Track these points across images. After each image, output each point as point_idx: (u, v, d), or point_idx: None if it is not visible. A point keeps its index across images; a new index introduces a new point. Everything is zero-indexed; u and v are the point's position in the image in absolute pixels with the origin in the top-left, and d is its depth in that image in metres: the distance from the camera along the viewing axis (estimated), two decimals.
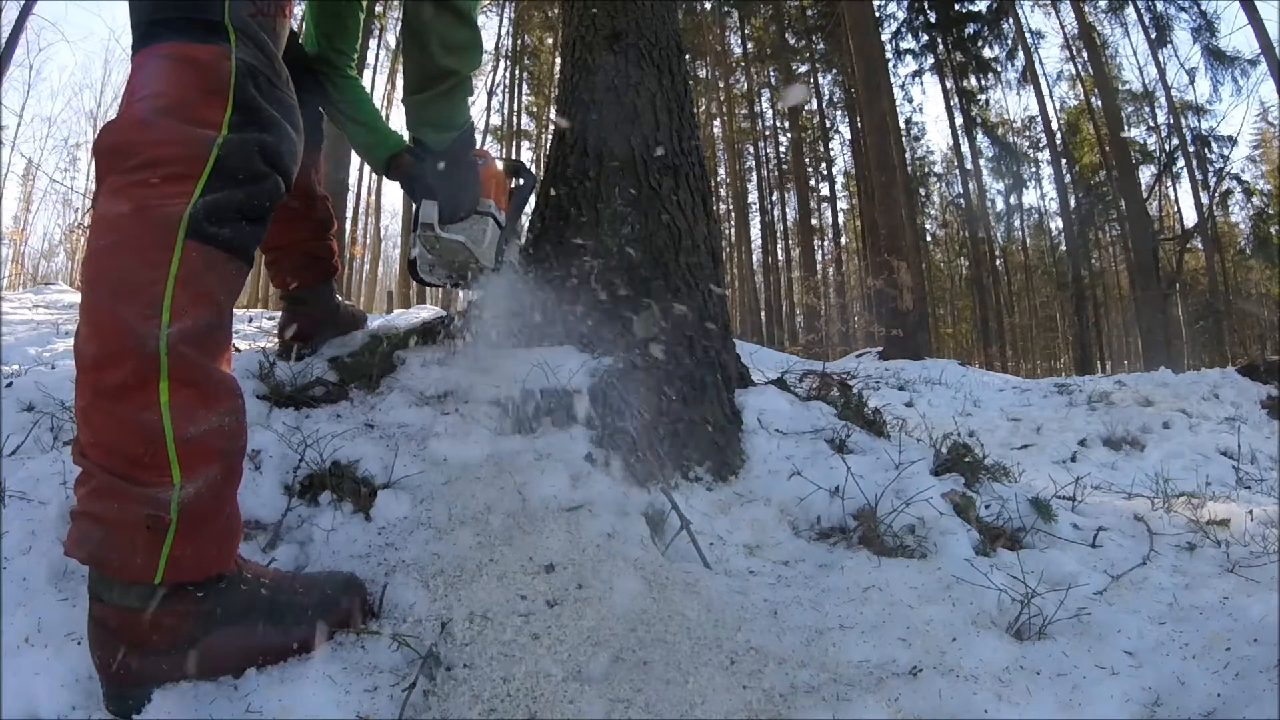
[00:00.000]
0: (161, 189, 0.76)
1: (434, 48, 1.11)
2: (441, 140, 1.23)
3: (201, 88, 0.80)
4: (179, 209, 0.76)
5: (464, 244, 1.33)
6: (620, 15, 1.96)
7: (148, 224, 0.75)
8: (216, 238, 0.78)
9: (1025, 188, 21.48)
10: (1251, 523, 1.55)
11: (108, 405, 0.74)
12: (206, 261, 0.78)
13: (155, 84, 0.80)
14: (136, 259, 0.75)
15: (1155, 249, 12.14)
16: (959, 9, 16.50)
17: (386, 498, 1.17)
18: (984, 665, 0.94)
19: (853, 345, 15.69)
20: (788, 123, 21.37)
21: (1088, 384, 4.71)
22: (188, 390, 0.76)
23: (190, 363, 0.76)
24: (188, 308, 0.76)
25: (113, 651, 0.75)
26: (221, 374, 0.81)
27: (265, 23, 0.87)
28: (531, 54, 20.59)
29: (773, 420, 1.69)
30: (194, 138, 0.78)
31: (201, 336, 0.77)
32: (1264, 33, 10.36)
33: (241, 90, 0.81)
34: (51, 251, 23.02)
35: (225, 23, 0.82)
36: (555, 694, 0.83)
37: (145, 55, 0.82)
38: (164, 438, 0.74)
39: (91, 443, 0.75)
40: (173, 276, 0.75)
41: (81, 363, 0.75)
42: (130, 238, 0.76)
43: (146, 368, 0.73)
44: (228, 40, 0.82)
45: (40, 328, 2.89)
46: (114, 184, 0.77)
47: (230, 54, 0.81)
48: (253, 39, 0.84)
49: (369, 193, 21.65)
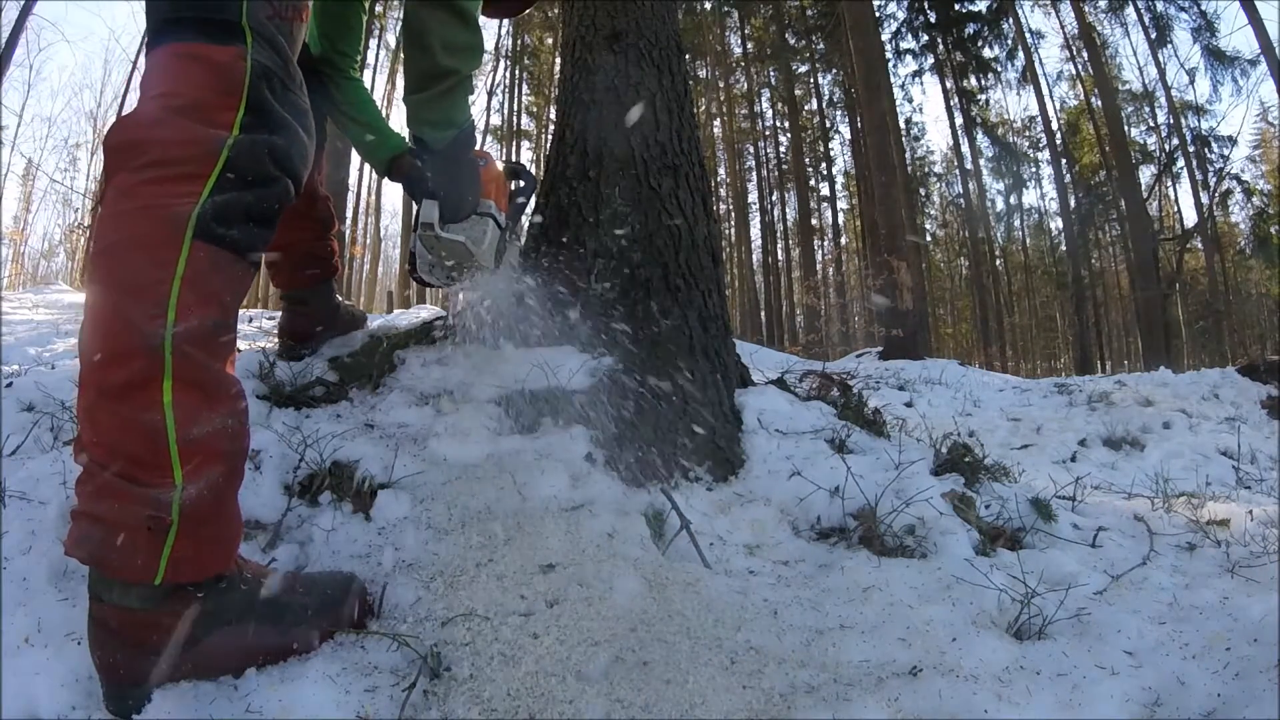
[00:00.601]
0: (171, 188, 0.76)
1: (435, 48, 1.11)
2: (442, 138, 1.23)
3: (216, 88, 0.80)
4: (188, 208, 0.76)
5: (464, 244, 1.33)
6: (620, 15, 1.96)
7: (156, 223, 0.75)
8: (224, 239, 0.78)
9: (1025, 188, 21.52)
10: (1251, 523, 1.55)
11: (111, 404, 0.73)
12: (213, 262, 0.78)
13: (169, 82, 0.80)
14: (144, 258, 0.75)
15: (1155, 249, 12.14)
16: (959, 9, 16.50)
17: (386, 498, 1.17)
18: (984, 665, 0.94)
19: (853, 345, 15.70)
20: (788, 123, 21.37)
21: (1088, 384, 4.71)
22: (192, 391, 0.76)
23: (195, 363, 0.76)
24: (194, 308, 0.75)
25: (113, 651, 0.75)
26: (226, 375, 0.81)
27: (282, 26, 0.87)
28: (531, 54, 20.60)
29: (773, 420, 1.69)
30: (205, 138, 0.78)
31: (207, 337, 0.77)
32: (1264, 33, 10.37)
33: (255, 92, 0.81)
34: (51, 251, 23.03)
35: (243, 24, 0.82)
36: (555, 694, 0.83)
37: (161, 53, 0.82)
38: (166, 438, 0.74)
39: (94, 441, 0.75)
40: (179, 276, 0.75)
41: (85, 360, 0.75)
42: (138, 236, 0.75)
43: (151, 367, 0.73)
44: (244, 41, 0.82)
45: (40, 328, 2.89)
46: (123, 181, 0.77)
47: (246, 55, 0.81)
48: (269, 41, 0.84)
49: (369, 193, 21.67)
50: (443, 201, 1.29)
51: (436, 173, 1.26)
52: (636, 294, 1.65)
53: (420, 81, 1.16)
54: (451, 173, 1.27)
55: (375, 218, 23.47)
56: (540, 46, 20.29)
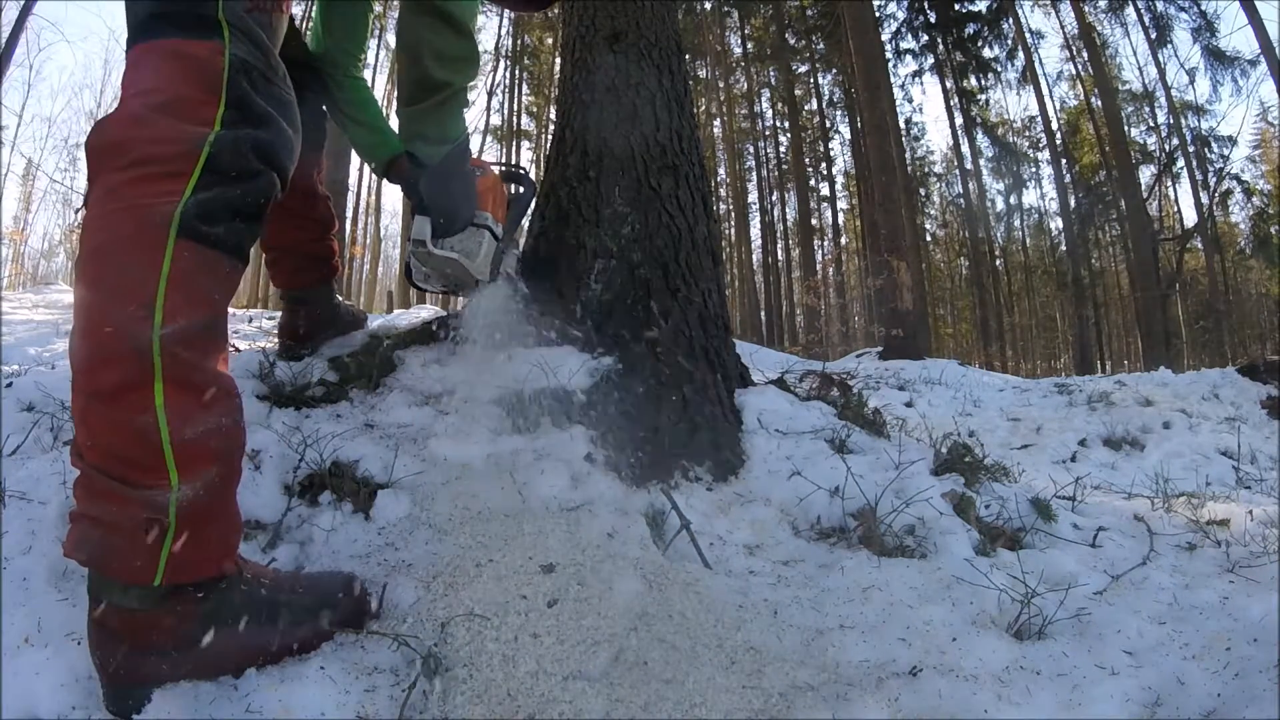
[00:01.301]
0: (153, 187, 0.75)
1: (427, 59, 1.09)
2: (435, 154, 1.22)
3: (195, 84, 0.79)
4: (170, 208, 0.75)
5: (457, 259, 1.30)
6: (620, 15, 1.96)
7: (139, 223, 0.74)
8: (209, 236, 0.77)
9: (1025, 188, 21.52)
10: (1251, 523, 1.55)
11: (103, 408, 0.73)
12: (199, 261, 0.77)
13: (148, 80, 0.79)
14: (128, 259, 0.74)
15: (1155, 249, 12.15)
16: (959, 9, 16.50)
17: (386, 498, 1.17)
18: (984, 665, 0.94)
19: (853, 345, 15.69)
20: (788, 123, 21.37)
21: (1088, 384, 4.70)
22: (183, 392, 0.75)
23: (185, 364, 0.75)
24: (181, 308, 0.75)
25: (113, 652, 0.75)
26: (218, 374, 0.80)
27: (261, 18, 0.86)
28: (531, 54, 20.60)
29: (773, 420, 1.68)
30: (186, 135, 0.77)
31: (196, 337, 0.76)
32: (1264, 33, 10.37)
33: (235, 87, 0.80)
34: (51, 251, 23.03)
35: (220, 18, 0.81)
36: (555, 694, 0.83)
37: (139, 51, 0.81)
38: (160, 440, 0.73)
39: (89, 445, 0.74)
40: (165, 277, 0.74)
41: (76, 365, 0.74)
42: (121, 238, 0.75)
43: (141, 370, 0.73)
44: (222, 36, 0.81)
45: (40, 328, 2.89)
46: (107, 182, 0.76)
47: (224, 50, 0.80)
48: (247, 34, 0.83)
49: (369, 193, 21.68)
50: (435, 217, 1.27)
51: (430, 188, 1.24)
52: (636, 294, 1.65)
53: (413, 93, 1.14)
54: (446, 188, 1.25)
55: (375, 218, 23.49)
56: (540, 46, 20.29)
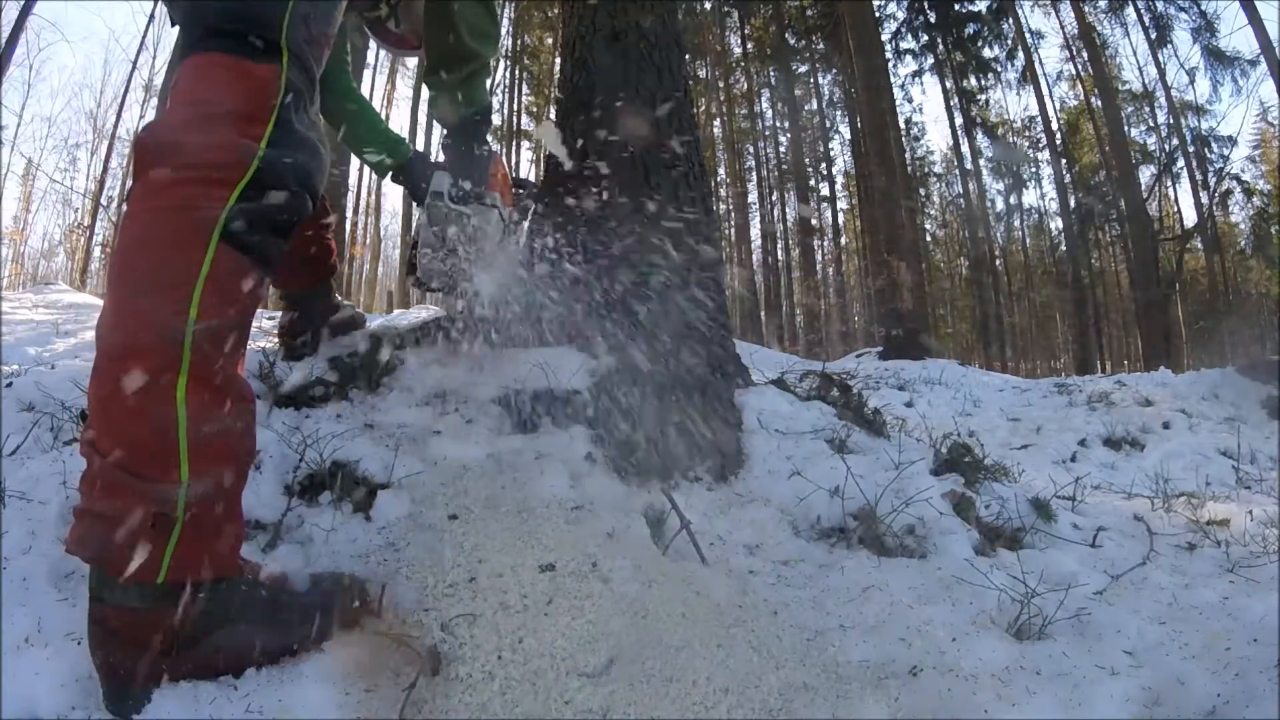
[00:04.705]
0: (202, 190, 0.78)
1: (463, 32, 1.23)
2: (464, 113, 1.33)
3: (251, 101, 0.83)
4: (216, 211, 0.78)
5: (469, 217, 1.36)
6: (620, 15, 1.96)
7: (185, 222, 0.77)
8: (247, 244, 0.80)
9: (1025, 188, 21.51)
10: (1251, 523, 1.55)
11: (125, 394, 0.74)
12: (236, 266, 0.80)
13: (207, 91, 0.83)
14: (170, 254, 0.77)
15: (1155, 249, 12.14)
16: (959, 9, 16.48)
17: (386, 498, 1.17)
18: (984, 665, 0.94)
19: (853, 345, 15.69)
20: (788, 123, 21.37)
21: (1088, 384, 4.70)
22: (205, 388, 0.77)
23: (211, 361, 0.77)
24: (215, 307, 0.77)
25: (113, 651, 0.75)
26: (238, 377, 0.83)
27: (314, 50, 0.91)
28: (531, 54, 20.57)
29: (773, 420, 1.69)
30: (239, 146, 0.80)
31: (224, 338, 0.79)
32: (1264, 33, 10.36)
33: (285, 110, 0.84)
34: (51, 251, 22.98)
35: (283, 44, 0.85)
36: (554, 694, 0.83)
37: (201, 60, 0.84)
38: (177, 434, 0.75)
39: (105, 432, 0.75)
40: (204, 276, 0.77)
41: (104, 351, 0.76)
42: (166, 233, 0.78)
43: (170, 360, 0.75)
44: (281, 61, 0.85)
45: (40, 328, 2.88)
46: (155, 179, 0.78)
47: (282, 74, 0.85)
48: (302, 61, 0.88)
49: (369, 193, 21.63)
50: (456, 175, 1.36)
51: (453, 148, 1.36)
52: (636, 294, 1.65)
53: (446, 63, 1.26)
54: (467, 151, 1.36)
55: (375, 218, 23.44)
56: (540, 46, 20.26)
